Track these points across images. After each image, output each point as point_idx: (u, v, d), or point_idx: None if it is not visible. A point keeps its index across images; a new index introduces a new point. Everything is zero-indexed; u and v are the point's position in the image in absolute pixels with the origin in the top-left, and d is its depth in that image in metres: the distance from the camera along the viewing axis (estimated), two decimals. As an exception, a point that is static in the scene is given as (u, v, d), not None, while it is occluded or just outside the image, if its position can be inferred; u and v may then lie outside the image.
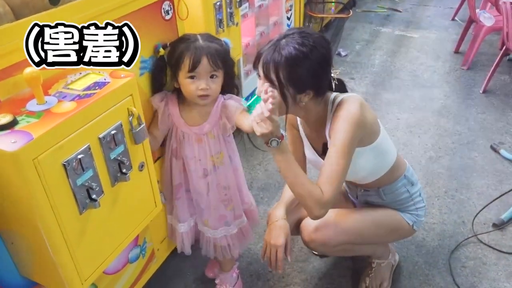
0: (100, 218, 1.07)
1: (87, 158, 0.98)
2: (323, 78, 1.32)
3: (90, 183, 1.00)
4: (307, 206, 1.27)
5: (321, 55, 1.27)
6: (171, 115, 1.44)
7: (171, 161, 1.51)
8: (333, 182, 1.26)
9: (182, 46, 1.35)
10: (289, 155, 1.28)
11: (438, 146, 2.62)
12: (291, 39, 1.27)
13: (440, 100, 3.13)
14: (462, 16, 4.47)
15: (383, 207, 1.59)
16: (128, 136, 1.09)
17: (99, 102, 0.99)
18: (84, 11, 1.10)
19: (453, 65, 3.64)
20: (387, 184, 1.53)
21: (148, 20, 1.33)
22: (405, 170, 1.55)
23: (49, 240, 0.96)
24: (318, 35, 1.30)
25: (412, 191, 1.55)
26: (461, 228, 2.03)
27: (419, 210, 1.58)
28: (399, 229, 1.59)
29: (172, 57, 1.37)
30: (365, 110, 1.34)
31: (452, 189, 2.27)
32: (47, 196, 0.92)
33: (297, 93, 1.30)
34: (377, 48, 4.03)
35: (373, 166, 1.45)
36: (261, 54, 1.31)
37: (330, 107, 1.39)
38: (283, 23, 3.11)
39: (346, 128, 1.28)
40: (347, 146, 1.28)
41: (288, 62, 1.25)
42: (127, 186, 1.13)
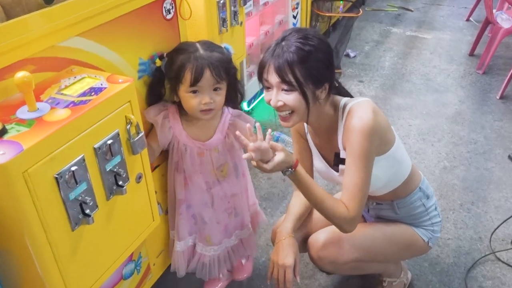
0: (94, 234, 1.05)
1: (81, 170, 0.95)
2: (333, 70, 1.35)
3: (83, 197, 0.97)
4: (335, 224, 1.34)
5: (327, 45, 1.32)
6: (173, 128, 1.41)
7: (174, 176, 1.49)
8: (356, 197, 1.29)
9: (181, 57, 1.31)
10: (307, 179, 1.29)
11: (453, 155, 2.60)
12: (292, 38, 1.28)
13: (454, 106, 3.11)
14: (477, 16, 4.46)
15: (396, 221, 1.56)
16: (125, 146, 1.07)
17: (95, 110, 0.96)
18: (80, 10, 1.07)
19: (468, 68, 3.62)
20: (401, 197, 1.51)
21: (148, 20, 1.31)
22: (420, 182, 1.53)
23: (38, 258, 0.94)
24: (313, 30, 1.35)
25: (428, 204, 1.53)
26: (478, 245, 2.00)
27: (434, 226, 1.56)
28: (413, 246, 1.56)
29: (170, 69, 1.33)
30: (379, 116, 1.33)
31: (468, 202, 2.25)
32: (37, 212, 0.89)
33: (316, 88, 1.30)
34: (387, 49, 4.01)
35: (388, 176, 1.43)
36: (265, 63, 1.29)
37: (341, 114, 1.37)
38: (289, 22, 3.09)
39: (361, 139, 1.27)
40: (366, 158, 1.28)
41: (302, 58, 1.26)
42: (124, 199, 1.10)
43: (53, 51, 1.05)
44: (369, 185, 1.33)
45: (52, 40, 1.03)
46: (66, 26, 1.05)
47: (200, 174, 1.47)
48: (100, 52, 1.17)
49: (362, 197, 1.31)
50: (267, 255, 1.98)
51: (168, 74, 1.35)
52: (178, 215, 1.54)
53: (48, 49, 1.03)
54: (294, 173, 1.26)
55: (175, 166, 1.47)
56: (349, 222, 1.31)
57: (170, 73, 1.33)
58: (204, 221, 1.55)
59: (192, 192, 1.50)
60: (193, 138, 1.42)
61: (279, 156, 1.21)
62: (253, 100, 2.89)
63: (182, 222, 1.55)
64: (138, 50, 1.31)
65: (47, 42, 1.02)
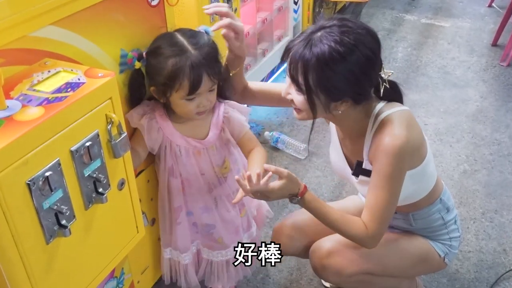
0: (71, 248, 1.05)
1: (56, 175, 0.96)
2: (365, 84, 1.30)
3: (59, 206, 0.98)
4: (357, 243, 1.42)
5: (364, 56, 1.24)
6: (162, 129, 1.42)
7: (168, 182, 1.50)
8: (377, 218, 1.35)
9: (172, 61, 1.29)
10: (317, 206, 1.38)
11: (474, 157, 2.62)
12: (327, 34, 1.24)
13: (475, 103, 3.12)
14: (500, 2, 4.49)
15: (411, 232, 1.58)
16: (106, 148, 1.07)
17: (72, 108, 0.97)
18: (54, -5, 1.08)
19: (490, 60, 3.65)
20: (419, 209, 1.52)
21: (130, 6, 1.31)
22: (441, 193, 1.54)
23: (9, 275, 0.94)
24: (363, 30, 1.26)
25: (447, 218, 1.54)
26: (502, 258, 2.02)
27: (453, 241, 1.57)
28: (428, 261, 1.58)
29: (159, 74, 1.32)
30: (413, 132, 1.34)
31: (491, 210, 2.26)
32: (7, 222, 0.89)
33: (331, 101, 1.30)
34: (400, 39, 4.03)
35: (411, 191, 1.44)
36: (290, 47, 1.30)
37: (372, 123, 1.37)
38: (289, 8, 3.11)
39: (391, 161, 1.29)
40: (394, 180, 1.32)
41: (320, 64, 1.23)
42: (104, 208, 1.11)
43: (24, 42, 1.05)
44: (394, 206, 1.37)
45: (23, 30, 1.03)
46: (38, 14, 1.05)
47: (200, 176, 1.49)
48: (77, 43, 1.18)
49: (385, 218, 1.36)
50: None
51: (154, 79, 1.34)
52: (177, 224, 1.56)
53: (18, 40, 1.03)
54: (301, 201, 1.35)
55: (169, 172, 1.48)
56: (368, 242, 1.39)
57: (158, 78, 1.33)
58: (209, 226, 1.59)
59: (192, 197, 1.54)
60: (187, 136, 1.44)
61: (279, 184, 1.29)
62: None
63: (182, 232, 1.58)
64: (120, 40, 1.31)
65: (17, 32, 1.02)
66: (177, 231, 1.58)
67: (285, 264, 2.01)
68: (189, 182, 1.50)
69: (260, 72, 2.89)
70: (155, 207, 1.63)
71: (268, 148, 2.70)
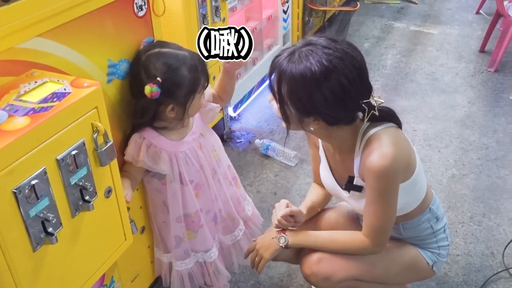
0: (58, 256, 1.06)
1: (42, 184, 0.97)
2: (336, 110, 1.30)
3: (45, 214, 0.99)
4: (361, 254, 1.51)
5: (338, 84, 1.25)
6: (162, 149, 1.48)
7: (181, 191, 1.56)
8: (376, 231, 1.42)
9: (184, 71, 1.39)
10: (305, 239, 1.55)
11: (462, 162, 2.64)
12: (309, 52, 1.26)
13: (463, 108, 3.16)
14: (488, 9, 4.54)
15: (400, 240, 1.59)
16: (92, 156, 1.09)
17: (58, 117, 0.98)
18: (41, 8, 1.10)
19: (478, 66, 3.69)
20: (409, 219, 1.53)
21: (117, 17, 1.33)
22: (430, 202, 1.55)
23: (-4, 283, 0.95)
24: (347, 56, 1.26)
25: (437, 227, 1.56)
26: (490, 261, 2.04)
27: (441, 249, 1.59)
28: (416, 269, 1.59)
29: (179, 88, 1.39)
30: (401, 147, 1.35)
31: (479, 214, 2.29)
32: (-7, 231, 0.90)
33: (300, 115, 1.33)
34: (389, 46, 4.08)
35: (403, 203, 1.46)
36: (277, 56, 1.34)
37: (359, 140, 1.39)
38: (279, 17, 3.14)
39: (381, 180, 1.33)
40: (388, 195, 1.36)
41: (293, 80, 1.27)
42: (91, 216, 1.12)
43: (11, 53, 1.07)
44: (394, 217, 1.41)
45: (10, 41, 1.05)
46: (26, 26, 1.07)
47: (205, 169, 1.59)
48: (64, 54, 1.20)
49: (386, 228, 1.42)
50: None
51: (175, 96, 1.40)
52: (200, 228, 1.65)
53: (6, 51, 1.05)
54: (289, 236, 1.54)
55: (179, 180, 1.54)
56: (372, 251, 1.46)
57: (179, 93, 1.40)
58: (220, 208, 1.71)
59: (205, 196, 1.64)
60: (182, 137, 1.52)
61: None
62: (239, 104, 2.92)
63: (206, 232, 1.67)
64: (107, 51, 1.33)
65: (4, 44, 1.04)
66: (204, 233, 1.66)
67: (275, 270, 2.02)
68: (198, 182, 1.59)
69: (250, 81, 2.92)
70: (144, 215, 1.64)
71: (259, 156, 2.72)
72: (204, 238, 1.68)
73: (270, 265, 2.02)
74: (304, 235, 1.56)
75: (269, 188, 2.50)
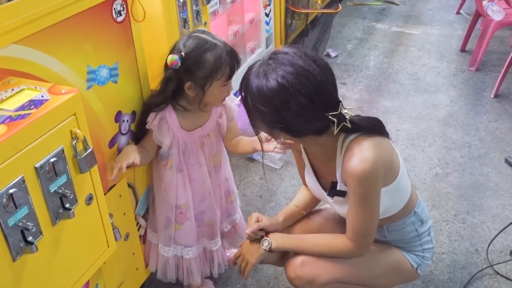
0: (39, 265, 1.05)
1: (20, 192, 0.96)
2: (296, 123, 1.32)
3: (25, 223, 0.98)
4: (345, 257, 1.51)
5: (293, 100, 1.27)
6: (171, 128, 1.57)
7: (176, 178, 1.64)
8: (360, 234, 1.42)
9: (209, 55, 1.47)
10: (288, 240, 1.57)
11: (445, 161, 2.67)
12: (269, 67, 1.29)
13: (446, 107, 3.19)
14: (468, 9, 4.60)
15: (385, 243, 1.60)
16: (71, 163, 1.08)
17: (35, 125, 0.98)
18: (17, 14, 1.09)
19: (459, 65, 3.73)
20: (393, 222, 1.54)
21: (96, 23, 1.33)
22: (415, 205, 1.56)
23: (-25, 294, 0.94)
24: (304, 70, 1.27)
25: (421, 230, 1.57)
26: (475, 258, 2.06)
27: (426, 252, 1.60)
28: (400, 271, 1.60)
29: (199, 69, 1.47)
30: (382, 151, 1.36)
31: (463, 212, 2.31)
32: (-29, 241, 0.89)
33: (266, 126, 1.38)
34: (371, 48, 4.11)
35: (387, 206, 1.47)
36: (250, 67, 1.36)
37: (340, 147, 1.40)
38: (261, 20, 3.14)
39: (363, 185, 1.34)
40: (370, 199, 1.37)
41: (253, 93, 1.32)
42: (72, 224, 1.11)
43: (-13, 61, 1.06)
44: (376, 219, 1.42)
45: (-15, 49, 1.04)
46: (2, 33, 1.06)
47: (201, 167, 1.65)
48: (42, 61, 1.18)
49: (369, 231, 1.43)
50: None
51: (194, 75, 1.48)
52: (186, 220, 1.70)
53: (-19, 59, 1.04)
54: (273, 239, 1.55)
55: (177, 168, 1.63)
56: (355, 254, 1.47)
57: (198, 74, 1.48)
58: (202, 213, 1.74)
59: (194, 191, 1.68)
60: (192, 129, 1.60)
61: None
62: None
63: (190, 226, 1.71)
64: (86, 57, 1.32)
65: (-20, 52, 1.03)
66: (186, 226, 1.70)
67: (262, 273, 2.02)
68: (192, 176, 1.65)
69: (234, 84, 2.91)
70: (128, 222, 1.63)
71: (244, 159, 2.72)
72: (187, 233, 1.72)
73: (257, 267, 2.02)
74: (288, 239, 1.57)
75: (254, 191, 2.50)
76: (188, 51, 1.46)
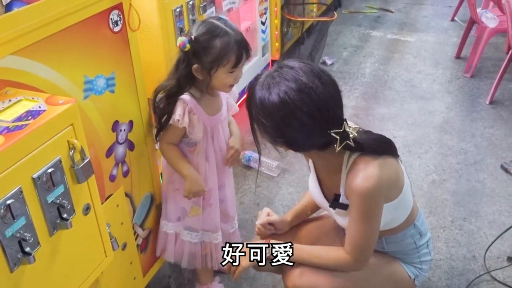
0: (37, 275, 1.05)
1: (18, 203, 0.96)
2: (300, 137, 1.33)
3: (22, 234, 0.98)
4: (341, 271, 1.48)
5: (294, 116, 1.27)
6: (200, 118, 1.61)
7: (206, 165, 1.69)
8: (358, 249, 1.41)
9: (218, 41, 1.50)
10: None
11: (442, 167, 2.68)
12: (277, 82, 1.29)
13: (441, 114, 3.21)
14: (462, 16, 4.64)
15: (383, 253, 1.60)
16: (69, 174, 1.08)
17: (33, 135, 0.98)
18: (13, 26, 1.09)
19: (454, 72, 3.76)
20: (393, 234, 1.54)
21: (93, 33, 1.33)
22: (415, 217, 1.56)
23: (-28, 306, 0.94)
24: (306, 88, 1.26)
25: (419, 243, 1.57)
26: (472, 264, 2.06)
27: (423, 264, 1.60)
28: (398, 281, 1.60)
29: (208, 54, 1.51)
30: (387, 169, 1.36)
31: (460, 218, 2.31)
32: (-32, 252, 0.89)
33: (268, 137, 1.38)
34: (367, 55, 4.13)
35: (389, 220, 1.47)
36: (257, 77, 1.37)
37: (346, 162, 1.40)
38: (257, 28, 3.16)
39: (365, 202, 1.34)
40: (371, 216, 1.37)
41: (256, 104, 1.32)
42: (69, 234, 1.11)
43: (-15, 72, 1.06)
44: (376, 235, 1.42)
45: (-17, 60, 1.05)
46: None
47: (222, 152, 1.72)
48: (39, 71, 1.19)
49: (368, 246, 1.42)
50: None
51: (201, 59, 1.52)
52: (209, 206, 1.75)
53: (-21, 70, 1.05)
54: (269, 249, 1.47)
55: (205, 155, 1.68)
56: (353, 268, 1.45)
57: (205, 58, 1.51)
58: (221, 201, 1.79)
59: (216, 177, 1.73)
60: (214, 114, 1.65)
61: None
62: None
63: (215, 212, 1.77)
64: (83, 67, 1.33)
65: (-23, 63, 1.04)
66: (211, 213, 1.76)
67: (260, 281, 2.02)
68: (215, 162, 1.70)
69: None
70: (126, 232, 1.63)
71: (241, 167, 2.72)
72: (211, 218, 1.77)
73: (255, 276, 2.02)
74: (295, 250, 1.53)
75: (251, 199, 2.50)
76: (198, 34, 1.51)
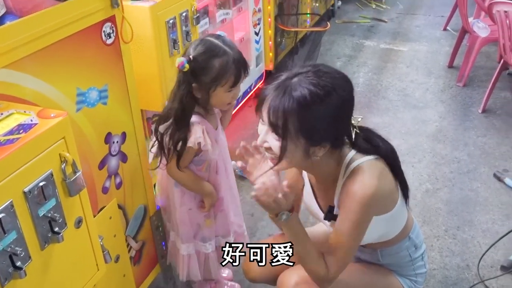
0: (28, 290, 1.04)
1: (9, 217, 0.95)
2: (342, 127, 1.32)
3: (13, 248, 0.97)
4: (312, 279, 1.42)
5: (341, 99, 1.26)
6: (211, 134, 1.63)
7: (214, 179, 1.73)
8: (339, 261, 1.38)
9: (216, 61, 1.51)
10: (299, 229, 1.38)
11: (435, 176, 2.69)
12: (304, 78, 1.25)
13: (434, 123, 3.22)
14: (455, 25, 4.68)
15: (378, 265, 1.60)
16: (61, 187, 1.07)
17: (24, 149, 0.97)
18: (5, 40, 1.10)
19: (447, 81, 3.78)
20: (387, 246, 1.54)
21: (85, 46, 1.34)
22: (410, 230, 1.55)
23: (-38, 322, 0.93)
24: (338, 75, 1.29)
25: (414, 255, 1.56)
26: (466, 273, 2.06)
27: (418, 276, 1.60)
28: None
29: (206, 74, 1.52)
30: (384, 181, 1.35)
31: (453, 227, 2.32)
32: (-42, 268, 0.88)
33: (311, 145, 1.28)
34: (360, 65, 4.15)
35: (383, 233, 1.47)
36: (265, 95, 1.28)
37: (343, 170, 1.38)
38: (251, 39, 3.18)
39: (359, 209, 1.31)
40: (359, 227, 1.34)
41: (302, 108, 1.22)
42: (61, 247, 1.10)
43: (-24, 86, 1.06)
44: (355, 252, 1.43)
45: (-26, 74, 1.05)
46: (-10, 58, 1.07)
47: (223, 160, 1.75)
48: (31, 85, 1.19)
49: (345, 262, 1.39)
50: None
51: (199, 79, 1.53)
52: (220, 212, 1.79)
53: (-30, 84, 1.05)
54: (291, 219, 1.32)
55: (214, 169, 1.72)
56: (326, 283, 1.40)
57: (204, 78, 1.53)
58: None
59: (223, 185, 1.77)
60: (216, 127, 1.69)
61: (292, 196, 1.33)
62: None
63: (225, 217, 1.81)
64: (76, 79, 1.33)
65: (-31, 77, 1.04)
66: (224, 217, 1.80)
67: (254, 292, 2.01)
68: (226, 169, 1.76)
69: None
70: (119, 244, 1.62)
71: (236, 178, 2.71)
72: (224, 222, 1.81)
73: (249, 286, 2.01)
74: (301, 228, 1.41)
75: (246, 209, 2.49)
76: (196, 54, 1.51)
